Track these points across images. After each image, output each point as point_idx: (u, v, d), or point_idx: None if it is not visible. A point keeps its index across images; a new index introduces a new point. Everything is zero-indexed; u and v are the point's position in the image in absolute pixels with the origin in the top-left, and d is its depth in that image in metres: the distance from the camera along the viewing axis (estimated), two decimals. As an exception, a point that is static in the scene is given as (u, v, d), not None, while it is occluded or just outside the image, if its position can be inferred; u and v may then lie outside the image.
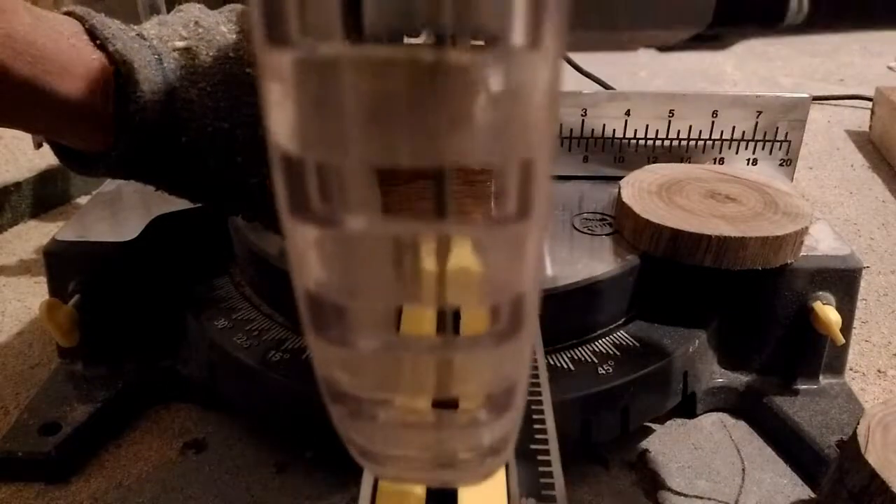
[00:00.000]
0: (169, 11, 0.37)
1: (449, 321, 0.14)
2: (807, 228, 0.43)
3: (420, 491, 0.25)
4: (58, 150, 0.34)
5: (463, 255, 0.12)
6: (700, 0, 0.17)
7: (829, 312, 0.44)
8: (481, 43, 0.10)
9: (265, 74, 0.10)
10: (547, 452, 0.27)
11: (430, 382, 0.13)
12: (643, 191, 0.48)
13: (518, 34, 0.10)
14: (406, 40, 0.11)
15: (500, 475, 0.26)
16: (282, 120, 0.10)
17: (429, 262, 0.12)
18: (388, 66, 0.10)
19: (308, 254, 0.12)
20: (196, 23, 0.35)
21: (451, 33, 0.10)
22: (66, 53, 0.30)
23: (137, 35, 0.33)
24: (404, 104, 0.10)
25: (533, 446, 0.27)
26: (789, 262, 0.44)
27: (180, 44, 0.34)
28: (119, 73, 0.31)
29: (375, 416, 0.14)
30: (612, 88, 1.01)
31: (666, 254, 0.44)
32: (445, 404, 0.15)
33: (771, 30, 0.19)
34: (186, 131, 0.33)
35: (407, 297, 0.12)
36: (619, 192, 0.48)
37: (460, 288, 0.12)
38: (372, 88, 0.10)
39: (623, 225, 0.47)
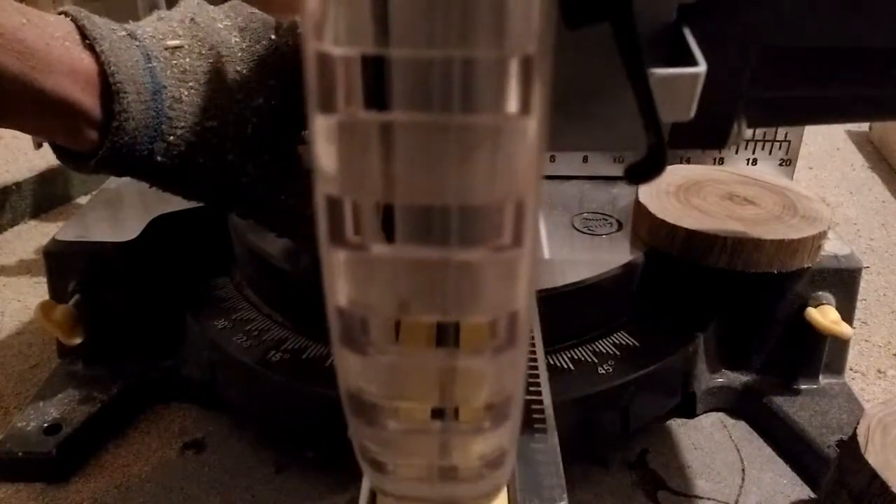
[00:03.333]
0: (169, 8, 0.37)
1: (451, 335, 0.16)
2: (825, 232, 0.43)
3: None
4: (54, 145, 0.35)
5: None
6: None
7: (821, 315, 0.44)
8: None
9: (316, 132, 0.13)
10: (547, 452, 0.27)
11: (436, 390, 0.15)
12: (661, 191, 0.48)
13: (512, 104, 0.12)
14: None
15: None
16: (327, 167, 0.13)
17: (437, 283, 0.14)
18: (409, 127, 0.12)
19: (340, 275, 0.14)
20: (192, 19, 0.36)
21: (459, 110, 0.12)
22: (56, 52, 0.31)
23: (128, 35, 0.33)
24: (420, 155, 0.13)
25: (533, 446, 0.27)
26: (806, 265, 0.43)
27: (172, 42, 0.34)
28: (106, 73, 0.31)
29: (387, 424, 0.16)
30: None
31: (681, 254, 0.43)
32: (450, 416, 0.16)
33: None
34: (175, 130, 0.34)
35: (418, 312, 0.14)
36: (637, 192, 0.48)
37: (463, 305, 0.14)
38: (394, 143, 0.12)
39: (639, 224, 0.47)
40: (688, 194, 0.47)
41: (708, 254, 0.43)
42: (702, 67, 0.21)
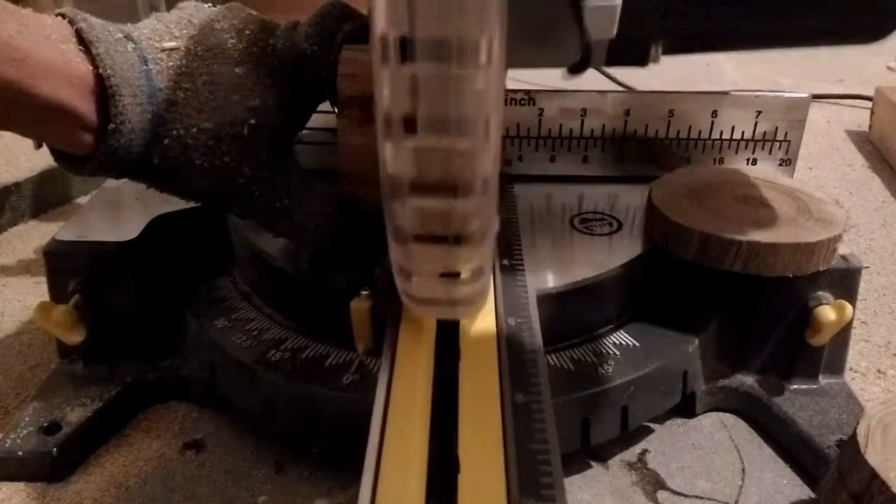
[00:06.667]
0: (169, 10, 0.37)
1: (453, 129, 0.24)
2: (840, 235, 0.43)
3: (419, 491, 0.25)
4: (51, 147, 0.35)
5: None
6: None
7: (824, 318, 0.44)
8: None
9: None
10: (547, 452, 0.27)
11: (441, 169, 0.24)
12: (674, 194, 0.47)
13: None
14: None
15: (500, 470, 0.26)
16: (379, 16, 0.21)
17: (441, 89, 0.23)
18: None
19: (385, 86, 0.23)
20: (189, 21, 0.36)
21: None
22: (52, 57, 0.31)
23: (125, 37, 0.33)
24: (432, 7, 0.21)
25: (533, 446, 0.27)
26: (822, 269, 0.43)
27: (168, 44, 0.34)
28: (101, 76, 0.31)
29: (411, 201, 0.25)
30: (629, 88, 1.01)
31: (695, 258, 0.43)
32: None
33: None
34: (170, 132, 0.34)
35: (430, 109, 0.23)
36: (650, 195, 0.47)
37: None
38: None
39: (653, 227, 0.46)
40: (702, 197, 0.47)
41: (723, 258, 0.42)
42: (618, 0, 0.30)
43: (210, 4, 0.38)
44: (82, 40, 0.32)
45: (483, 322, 0.35)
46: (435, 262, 0.28)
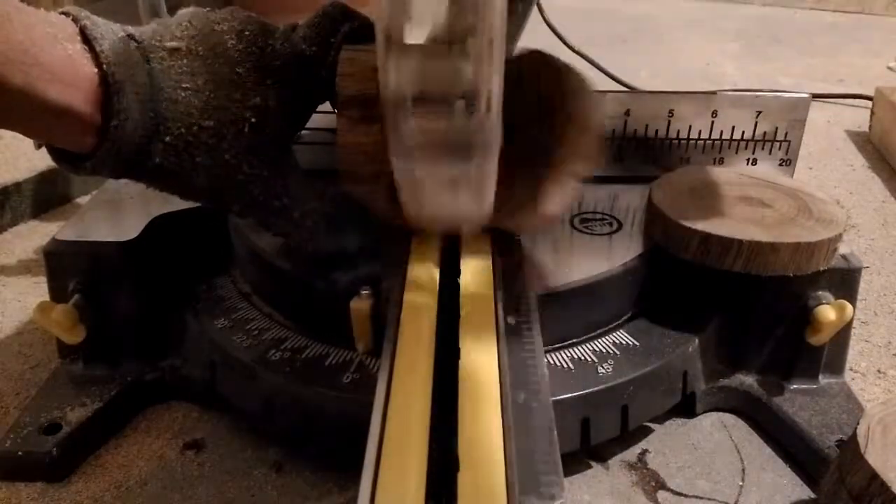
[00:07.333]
0: (170, 13, 0.38)
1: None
2: (840, 235, 0.43)
3: (419, 491, 0.25)
4: (50, 147, 0.35)
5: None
6: None
7: (824, 319, 0.44)
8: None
9: None
10: (547, 451, 0.27)
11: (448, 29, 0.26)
12: (674, 194, 0.47)
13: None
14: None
15: (500, 469, 0.26)
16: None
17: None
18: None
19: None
20: (190, 23, 0.36)
21: None
22: (59, 59, 0.31)
23: (128, 36, 0.34)
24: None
25: (533, 445, 0.27)
26: (822, 268, 0.43)
27: (170, 44, 0.34)
28: (105, 74, 0.32)
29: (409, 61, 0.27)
30: (631, 87, 1.01)
31: (696, 257, 0.43)
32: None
33: None
34: (171, 130, 0.34)
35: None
36: (651, 194, 0.47)
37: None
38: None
39: (653, 227, 0.46)
40: (702, 197, 0.47)
41: (723, 258, 0.42)
42: None
43: (209, 9, 0.38)
44: (86, 38, 0.32)
45: (483, 321, 0.35)
46: (440, 164, 0.30)
